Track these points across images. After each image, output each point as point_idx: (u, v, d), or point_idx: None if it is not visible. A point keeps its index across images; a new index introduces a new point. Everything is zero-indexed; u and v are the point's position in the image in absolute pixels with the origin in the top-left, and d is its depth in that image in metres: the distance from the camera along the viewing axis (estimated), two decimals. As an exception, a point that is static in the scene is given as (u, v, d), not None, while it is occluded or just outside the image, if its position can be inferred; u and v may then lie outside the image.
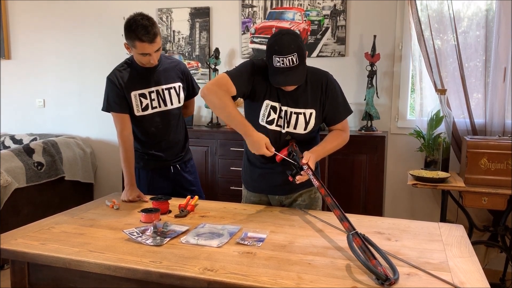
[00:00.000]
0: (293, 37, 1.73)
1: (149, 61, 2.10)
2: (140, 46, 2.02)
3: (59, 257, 1.41)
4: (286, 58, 1.70)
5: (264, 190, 2.04)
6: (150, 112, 2.20)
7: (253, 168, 2.02)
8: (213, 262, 1.34)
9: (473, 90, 2.95)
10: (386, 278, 1.19)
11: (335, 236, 1.59)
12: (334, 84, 1.90)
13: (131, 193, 2.09)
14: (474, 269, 1.31)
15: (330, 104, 1.88)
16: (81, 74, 4.04)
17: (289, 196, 2.01)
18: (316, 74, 1.90)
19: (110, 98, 2.16)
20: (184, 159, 2.37)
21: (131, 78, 2.16)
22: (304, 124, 1.87)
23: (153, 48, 2.05)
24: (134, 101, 2.16)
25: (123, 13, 3.69)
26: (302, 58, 1.73)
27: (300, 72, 1.75)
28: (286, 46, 1.70)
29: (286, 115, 1.87)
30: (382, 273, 1.20)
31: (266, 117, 1.87)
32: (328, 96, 1.87)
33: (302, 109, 1.86)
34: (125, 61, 2.23)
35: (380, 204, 2.96)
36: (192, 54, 3.68)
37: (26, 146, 3.48)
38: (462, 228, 1.70)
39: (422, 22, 2.93)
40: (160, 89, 2.22)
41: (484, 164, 2.56)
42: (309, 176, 1.72)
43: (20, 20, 4.18)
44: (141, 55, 2.07)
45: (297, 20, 3.36)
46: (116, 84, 2.14)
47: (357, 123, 3.28)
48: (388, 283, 1.18)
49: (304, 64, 1.78)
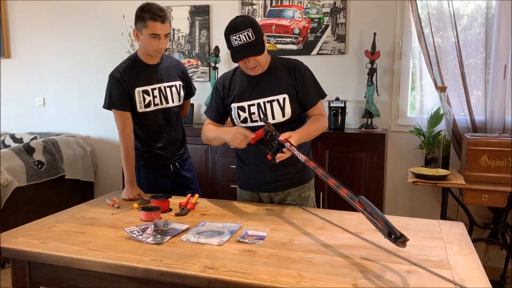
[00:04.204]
0: (246, 17, 1.85)
1: (158, 46, 2.10)
2: (152, 25, 2.06)
3: (59, 256, 1.41)
4: (241, 34, 1.77)
5: (253, 187, 2.06)
6: (152, 109, 2.21)
7: (243, 166, 2.06)
8: (214, 260, 1.34)
9: (473, 87, 2.94)
10: (400, 235, 1.22)
11: (336, 234, 1.59)
12: (303, 69, 1.94)
13: (132, 192, 2.09)
14: (474, 267, 1.31)
15: (302, 88, 1.91)
16: (81, 72, 4.04)
17: (278, 193, 2.02)
18: (284, 61, 1.97)
19: (113, 95, 2.16)
20: (182, 157, 2.38)
21: (134, 75, 2.17)
22: (280, 110, 1.89)
23: (164, 30, 2.09)
24: (138, 98, 2.17)
25: (123, 12, 3.71)
26: (258, 33, 1.79)
27: (259, 45, 1.80)
28: (240, 23, 1.80)
29: (260, 107, 1.91)
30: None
31: (238, 119, 1.95)
32: (298, 80, 1.91)
33: (274, 96, 1.90)
34: (128, 58, 2.25)
35: (380, 201, 2.96)
36: (192, 52, 3.67)
37: (27, 145, 3.48)
38: (463, 226, 1.70)
39: (422, 20, 2.93)
40: (162, 86, 2.23)
41: (485, 162, 2.56)
42: (293, 152, 1.67)
43: (20, 19, 4.18)
44: (152, 36, 2.08)
45: (297, 18, 3.35)
46: (120, 81, 2.14)
47: (357, 121, 3.28)
48: (403, 240, 1.21)
49: (262, 40, 1.82)
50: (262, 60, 1.86)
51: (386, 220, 1.27)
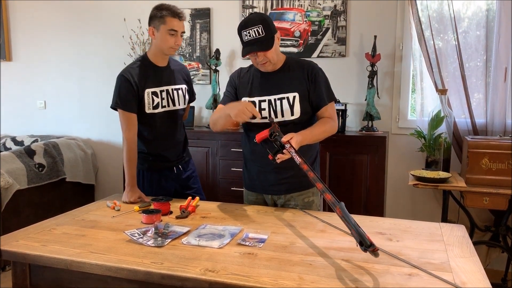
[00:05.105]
0: (258, 14, 1.89)
1: (174, 43, 2.15)
2: (170, 21, 2.11)
3: (60, 259, 1.41)
4: (252, 30, 1.81)
5: (258, 189, 2.06)
6: (159, 110, 2.23)
7: (249, 166, 2.07)
8: (214, 263, 1.34)
9: (473, 90, 2.95)
10: (370, 244, 1.23)
11: (337, 237, 1.59)
12: (318, 71, 1.95)
13: (132, 195, 2.09)
14: (475, 269, 1.31)
15: (314, 89, 1.92)
16: (82, 75, 4.05)
17: (281, 196, 2.02)
18: (299, 61, 2.00)
19: (122, 96, 2.16)
20: (185, 159, 2.39)
21: (144, 76, 2.19)
22: (289, 108, 1.90)
23: (181, 27, 2.15)
24: (147, 99, 2.19)
25: (124, 15, 3.72)
26: (268, 29, 1.82)
27: (268, 42, 1.83)
28: (251, 19, 1.84)
29: (271, 103, 1.92)
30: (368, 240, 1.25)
31: None
32: (311, 80, 1.92)
33: (285, 94, 1.92)
34: (138, 59, 2.27)
35: (381, 204, 2.96)
36: (193, 55, 3.68)
37: (27, 148, 3.49)
38: (464, 228, 1.70)
39: (422, 22, 2.93)
40: (170, 88, 2.25)
41: (485, 164, 2.55)
42: (291, 154, 1.69)
43: (21, 22, 4.19)
44: (170, 33, 2.12)
45: (297, 21, 3.36)
46: (130, 81, 2.15)
47: (358, 124, 3.28)
48: (373, 249, 1.23)
49: (273, 37, 1.85)
50: (273, 57, 1.88)
51: (358, 229, 1.28)
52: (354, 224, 1.30)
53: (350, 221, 1.31)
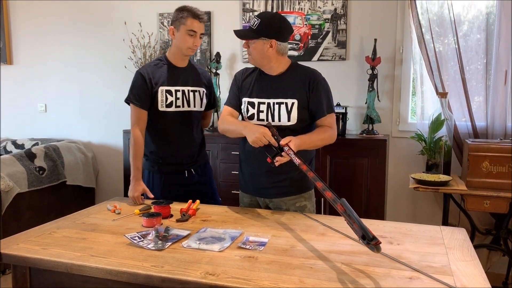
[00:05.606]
0: (267, 13, 2.01)
1: (192, 44, 2.19)
2: (190, 22, 2.15)
3: (60, 262, 1.41)
4: (252, 19, 1.93)
5: (251, 191, 2.08)
6: (173, 109, 2.25)
7: (243, 169, 2.09)
8: (215, 267, 1.34)
9: (474, 93, 2.95)
10: (373, 237, 1.25)
11: (337, 240, 1.59)
12: (320, 81, 1.96)
13: (137, 188, 2.12)
14: (476, 273, 1.30)
15: (314, 98, 1.93)
16: (82, 78, 4.05)
17: (272, 200, 2.02)
18: (306, 70, 1.99)
19: (135, 91, 2.21)
20: (199, 163, 2.38)
21: (161, 74, 2.23)
22: (286, 114, 1.91)
23: (201, 29, 2.19)
24: (160, 96, 2.21)
25: (125, 18, 3.73)
26: (261, 27, 1.88)
27: (249, 34, 1.92)
28: (263, 13, 1.98)
29: (270, 106, 1.94)
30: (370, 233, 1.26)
31: (246, 113, 1.99)
32: (312, 89, 1.93)
33: (284, 99, 1.92)
34: (157, 58, 2.33)
35: (381, 207, 2.96)
36: (193, 58, 3.68)
37: (28, 151, 3.49)
38: (464, 232, 1.69)
39: (422, 26, 2.94)
40: (186, 89, 2.27)
41: (486, 167, 2.55)
42: (290, 156, 1.71)
43: (21, 26, 4.20)
44: (189, 33, 2.16)
45: (298, 24, 3.36)
46: (145, 78, 2.20)
47: (358, 127, 3.28)
48: (375, 242, 1.24)
49: (258, 35, 1.90)
50: (254, 54, 1.94)
51: (361, 223, 1.30)
52: (356, 217, 1.31)
53: (353, 214, 1.32)
